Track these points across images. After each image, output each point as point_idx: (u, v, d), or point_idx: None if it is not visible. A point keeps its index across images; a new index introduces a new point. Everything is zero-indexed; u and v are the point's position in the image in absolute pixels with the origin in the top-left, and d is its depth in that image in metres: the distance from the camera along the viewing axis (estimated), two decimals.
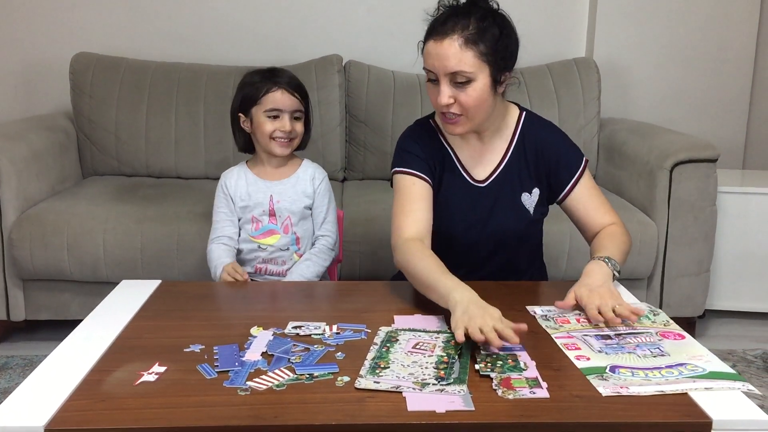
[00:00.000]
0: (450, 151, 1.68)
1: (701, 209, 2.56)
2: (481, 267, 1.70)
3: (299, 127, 1.89)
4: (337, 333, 1.32)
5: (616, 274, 1.51)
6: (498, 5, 1.57)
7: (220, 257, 1.86)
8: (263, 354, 1.23)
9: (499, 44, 1.52)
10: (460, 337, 1.21)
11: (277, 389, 1.10)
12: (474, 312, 1.25)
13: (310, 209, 1.95)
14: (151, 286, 1.59)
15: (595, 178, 3.11)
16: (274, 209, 1.91)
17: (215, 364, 1.18)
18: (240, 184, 1.93)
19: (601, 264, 1.50)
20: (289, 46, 3.26)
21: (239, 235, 1.93)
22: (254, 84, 1.87)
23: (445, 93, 1.51)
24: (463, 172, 1.68)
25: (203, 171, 2.97)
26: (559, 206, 1.73)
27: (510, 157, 1.67)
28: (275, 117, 1.85)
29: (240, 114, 1.90)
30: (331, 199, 1.98)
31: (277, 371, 1.16)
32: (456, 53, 1.48)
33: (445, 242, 1.65)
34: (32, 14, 3.18)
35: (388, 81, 3.05)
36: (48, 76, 3.21)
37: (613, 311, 1.34)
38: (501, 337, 1.20)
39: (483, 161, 1.68)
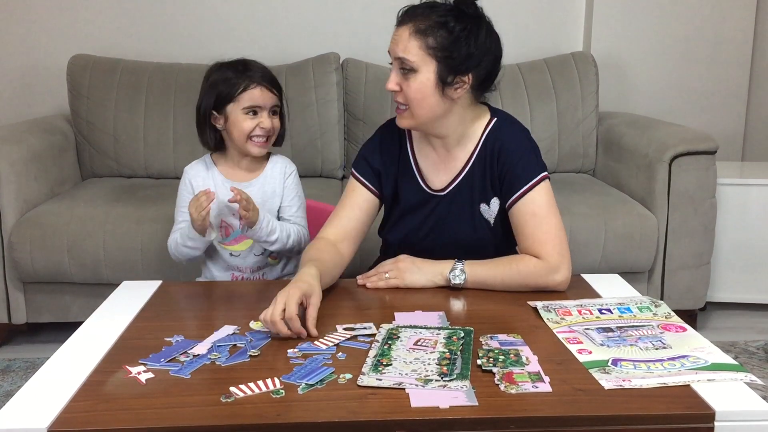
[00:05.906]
0: (411, 157, 1.67)
1: (701, 201, 2.56)
2: None
3: (277, 122, 1.83)
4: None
5: (453, 280, 1.52)
6: (482, 11, 1.52)
7: (183, 231, 1.79)
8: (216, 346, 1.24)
9: (454, 43, 1.48)
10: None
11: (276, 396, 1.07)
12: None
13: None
14: (151, 286, 1.59)
15: (594, 172, 3.17)
16: None
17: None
18: (208, 185, 1.81)
19: (449, 263, 1.53)
20: (287, 44, 3.26)
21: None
22: (228, 80, 1.79)
23: (393, 78, 1.55)
24: (420, 179, 1.65)
25: None
26: None
27: (471, 167, 1.61)
28: (254, 114, 1.78)
29: (213, 111, 1.80)
30: (299, 195, 1.89)
31: (267, 381, 1.11)
32: (404, 40, 1.51)
33: (407, 248, 1.63)
34: (29, 17, 3.18)
35: (386, 78, 3.02)
36: (45, 78, 3.21)
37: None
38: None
39: (444, 169, 1.64)
